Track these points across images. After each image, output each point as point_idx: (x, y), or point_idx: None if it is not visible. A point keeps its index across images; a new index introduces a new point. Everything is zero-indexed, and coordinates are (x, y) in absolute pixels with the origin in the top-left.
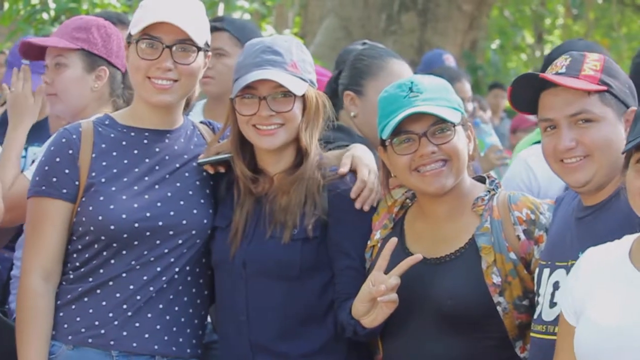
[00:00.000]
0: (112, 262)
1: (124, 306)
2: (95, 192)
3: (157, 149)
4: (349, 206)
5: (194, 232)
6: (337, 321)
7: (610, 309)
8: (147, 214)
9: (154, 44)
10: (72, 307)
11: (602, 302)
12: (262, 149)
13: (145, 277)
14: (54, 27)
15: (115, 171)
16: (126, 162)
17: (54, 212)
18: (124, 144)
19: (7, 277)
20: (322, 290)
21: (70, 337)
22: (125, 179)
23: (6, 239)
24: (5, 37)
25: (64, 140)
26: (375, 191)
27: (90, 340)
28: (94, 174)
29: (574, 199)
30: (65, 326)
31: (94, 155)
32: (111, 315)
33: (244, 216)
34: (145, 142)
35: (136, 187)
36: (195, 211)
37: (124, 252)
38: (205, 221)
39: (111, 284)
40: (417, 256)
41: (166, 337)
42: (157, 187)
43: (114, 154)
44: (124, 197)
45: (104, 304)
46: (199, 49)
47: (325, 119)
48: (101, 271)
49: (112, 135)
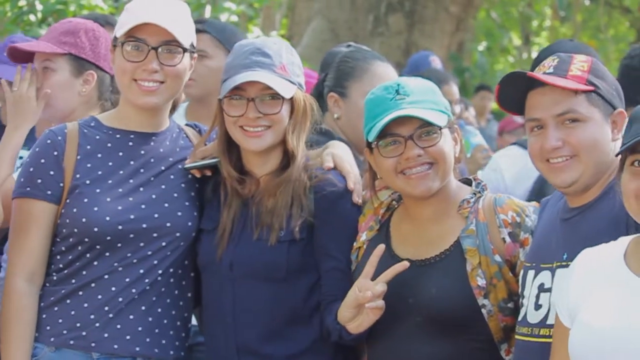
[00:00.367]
0: (95, 263)
1: (106, 308)
2: (79, 194)
3: (142, 152)
4: (335, 208)
5: (178, 234)
6: (323, 323)
7: (604, 311)
8: (131, 216)
9: (139, 45)
10: (55, 309)
11: (597, 304)
12: (248, 150)
13: (127, 279)
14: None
15: (100, 173)
16: (111, 164)
17: (39, 213)
18: (109, 145)
19: None
20: (308, 291)
21: (52, 339)
22: (109, 181)
23: None
24: None
25: (49, 141)
26: (361, 183)
27: (71, 342)
28: (78, 176)
29: (559, 201)
30: (47, 328)
31: (78, 157)
32: (93, 317)
33: (231, 217)
34: (130, 144)
35: (120, 190)
36: (179, 214)
37: (107, 254)
38: (189, 224)
39: (93, 285)
40: (404, 263)
41: (148, 339)
42: (141, 189)
43: (99, 156)
44: (108, 199)
45: (86, 305)
46: (185, 50)
47: (312, 122)
48: (84, 273)
49: (98, 137)
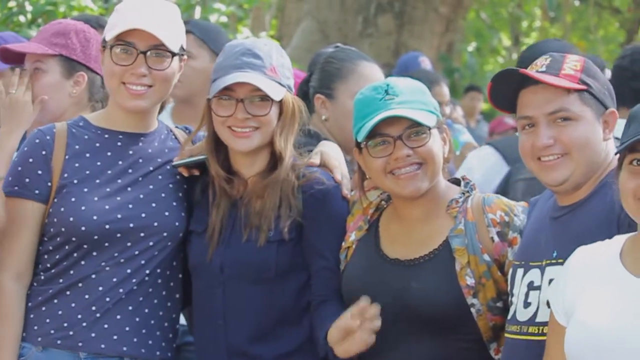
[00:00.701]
0: (82, 263)
1: (93, 307)
2: (67, 193)
3: (130, 152)
4: (324, 206)
5: (165, 234)
6: (312, 324)
7: (600, 310)
8: (118, 216)
9: (128, 49)
10: (42, 308)
11: (593, 303)
12: (236, 150)
13: (114, 279)
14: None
15: (87, 172)
16: (99, 163)
17: (26, 212)
18: (98, 145)
19: None
20: (298, 292)
21: (39, 339)
22: (97, 181)
23: None
24: None
25: (37, 141)
26: (348, 178)
27: (58, 341)
28: (66, 175)
29: (548, 200)
30: (35, 328)
31: (67, 156)
32: (80, 316)
33: (220, 217)
34: (119, 144)
35: (108, 189)
36: (167, 213)
37: (94, 254)
38: (177, 224)
39: (80, 285)
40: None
41: (135, 339)
42: (129, 189)
43: (87, 156)
44: (96, 198)
45: (73, 305)
46: (174, 54)
47: (300, 124)
48: (71, 272)
49: (86, 136)
